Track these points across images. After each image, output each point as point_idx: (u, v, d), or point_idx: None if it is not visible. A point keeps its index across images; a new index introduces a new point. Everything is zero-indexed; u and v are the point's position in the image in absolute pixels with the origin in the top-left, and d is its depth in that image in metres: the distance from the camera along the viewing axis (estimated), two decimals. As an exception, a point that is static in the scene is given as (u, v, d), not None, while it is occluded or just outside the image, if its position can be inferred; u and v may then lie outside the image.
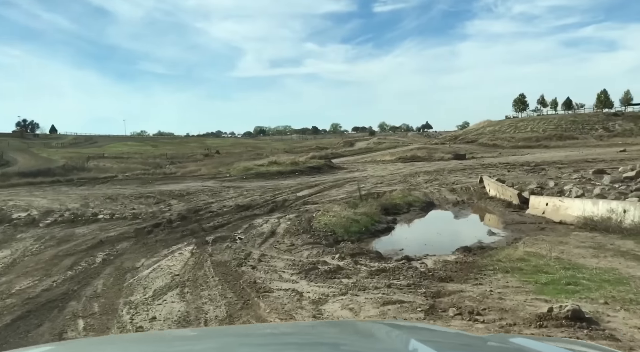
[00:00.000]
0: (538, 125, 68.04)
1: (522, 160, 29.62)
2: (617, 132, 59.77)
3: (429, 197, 16.59)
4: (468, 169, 24.97)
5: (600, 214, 9.87)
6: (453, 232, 11.42)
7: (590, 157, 27.72)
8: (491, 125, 76.08)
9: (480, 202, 15.51)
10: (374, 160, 42.62)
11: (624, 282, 4.99)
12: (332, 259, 6.95)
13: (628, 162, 20.80)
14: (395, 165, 33.40)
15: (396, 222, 12.53)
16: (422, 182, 20.57)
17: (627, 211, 9.42)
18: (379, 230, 11.18)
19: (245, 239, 9.83)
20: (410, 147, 56.55)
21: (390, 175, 24.40)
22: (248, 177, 25.50)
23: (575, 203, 11.07)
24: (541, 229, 10.55)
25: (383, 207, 13.60)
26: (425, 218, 13.52)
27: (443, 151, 46.32)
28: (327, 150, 65.70)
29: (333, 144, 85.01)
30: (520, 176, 19.85)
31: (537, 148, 50.58)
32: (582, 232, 9.32)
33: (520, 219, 12.04)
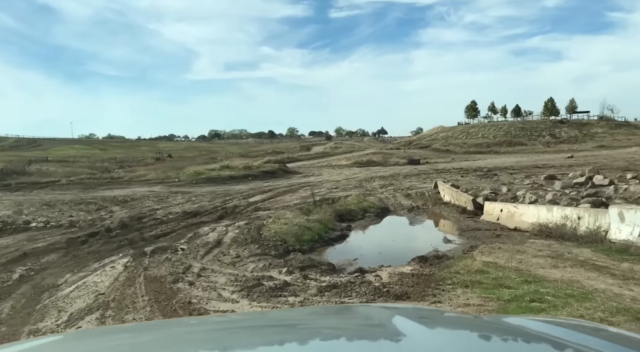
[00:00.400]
0: (489, 131, 69.88)
1: (474, 165, 30.02)
2: (563, 139, 62.22)
3: (384, 202, 16.26)
4: (423, 174, 24.96)
5: (555, 221, 9.75)
6: (409, 240, 11.06)
7: (540, 163, 28.41)
8: (444, 131, 77.60)
9: (435, 208, 15.31)
10: (330, 164, 42.32)
11: (589, 297, 4.66)
12: (279, 274, 6.34)
13: (576, 168, 21.33)
14: (351, 169, 33.15)
15: (351, 229, 12.06)
16: (377, 187, 20.29)
17: (581, 217, 9.32)
18: (332, 238, 10.66)
19: (187, 249, 9.06)
20: (366, 152, 56.73)
21: (345, 180, 24.04)
22: (198, 182, 24.47)
23: (530, 209, 10.95)
24: (497, 236, 10.33)
25: (337, 214, 13.13)
26: (381, 224, 13.13)
27: (398, 156, 46.65)
28: (283, 154, 65.12)
29: (290, 148, 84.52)
30: (473, 181, 19.92)
31: (488, 154, 51.81)
32: (538, 240, 9.13)
33: (476, 226, 11.84)
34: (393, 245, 10.26)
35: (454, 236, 11.01)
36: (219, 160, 41.75)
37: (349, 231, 11.79)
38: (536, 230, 9.94)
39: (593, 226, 8.86)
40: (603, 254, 7.19)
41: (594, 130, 65.92)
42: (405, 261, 8.06)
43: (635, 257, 6.67)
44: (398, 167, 34.87)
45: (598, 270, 6.03)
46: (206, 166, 28.47)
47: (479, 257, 7.60)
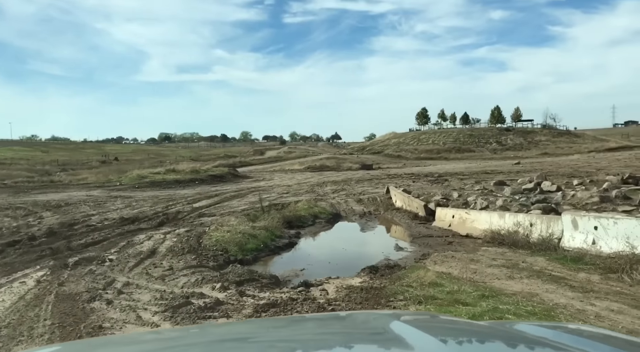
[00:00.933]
0: (439, 138, 71.27)
1: (426, 171, 30.16)
2: (509, 146, 64.23)
3: (335, 208, 15.76)
4: (375, 179, 24.71)
5: (508, 228, 9.51)
6: (360, 247, 10.55)
7: (489, 168, 28.86)
8: (396, 137, 78.61)
9: (387, 214, 14.94)
10: (283, 169, 41.63)
11: (552, 314, 4.25)
12: (212, 290, 5.61)
13: (524, 174, 21.65)
14: (304, 174, 32.60)
15: (300, 236, 11.44)
16: (329, 192, 19.79)
17: (533, 224, 9.11)
18: (279, 246, 9.99)
19: (116, 260, 8.14)
20: (319, 157, 56.47)
21: (297, 184, 23.42)
22: (141, 186, 23.18)
23: (482, 216, 10.71)
24: (449, 243, 10.00)
25: (286, 220, 12.48)
26: (331, 231, 12.58)
27: (351, 161, 46.58)
28: (235, 158, 64.02)
29: (243, 152, 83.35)
30: (425, 187, 19.79)
31: (438, 160, 52.68)
32: (491, 247, 8.84)
33: (427, 232, 11.51)
34: (343, 253, 9.71)
35: (405, 243, 10.60)
36: (168, 163, 40.20)
37: (298, 239, 11.16)
38: (488, 237, 9.67)
39: (546, 233, 8.65)
40: (558, 263, 6.91)
41: (538, 138, 68.50)
42: (355, 271, 7.53)
43: (591, 267, 6.40)
44: (351, 172, 34.63)
45: (556, 281, 5.69)
46: (151, 170, 27.09)
47: (432, 267, 7.17)
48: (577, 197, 13.80)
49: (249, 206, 15.95)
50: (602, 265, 6.28)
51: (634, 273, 5.66)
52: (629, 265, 5.86)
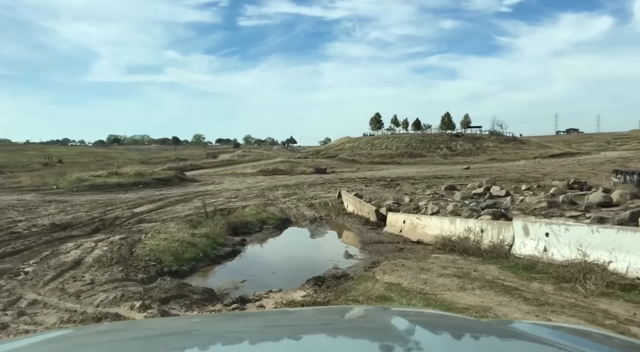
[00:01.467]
0: (392, 143, 72.08)
1: (378, 175, 30.09)
2: (458, 152, 65.72)
3: (285, 213, 15.18)
4: (327, 184, 24.32)
5: (458, 234, 9.24)
6: (307, 255, 10.03)
7: (440, 173, 29.11)
8: (350, 141, 78.92)
9: (338, 219, 14.52)
10: (235, 173, 40.62)
11: (508, 333, 3.86)
12: (131, 310, 4.91)
13: (473, 179, 21.85)
14: (256, 178, 31.82)
15: (245, 243, 10.79)
16: (280, 197, 19.19)
17: (484, 230, 8.89)
18: (221, 255, 9.31)
19: (32, 273, 7.24)
20: (273, 161, 55.65)
21: (247, 188, 22.67)
22: (80, 190, 21.73)
23: (433, 221, 10.43)
24: (400, 250, 9.65)
25: (231, 226, 11.78)
26: (279, 238, 11.99)
27: (305, 165, 46.09)
28: (186, 161, 62.19)
29: (195, 155, 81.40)
30: (377, 191, 19.55)
31: (391, 164, 53.09)
32: (442, 254, 8.53)
33: (378, 238, 11.14)
34: (290, 262, 9.15)
35: (356, 249, 10.17)
36: (116, 166, 38.26)
37: (242, 246, 10.51)
38: (439, 243, 9.37)
39: (497, 240, 8.43)
40: (510, 272, 6.63)
41: (486, 144, 70.53)
42: (300, 282, 6.99)
43: (544, 276, 6.15)
44: (304, 176, 34.15)
45: (509, 293, 5.37)
46: (92, 172, 25.54)
47: (381, 277, 6.73)
48: (525, 202, 13.86)
49: (194, 211, 15.12)
50: (554, 274, 6.04)
51: (587, 283, 5.42)
52: (582, 274, 5.62)
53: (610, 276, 5.48)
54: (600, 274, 5.48)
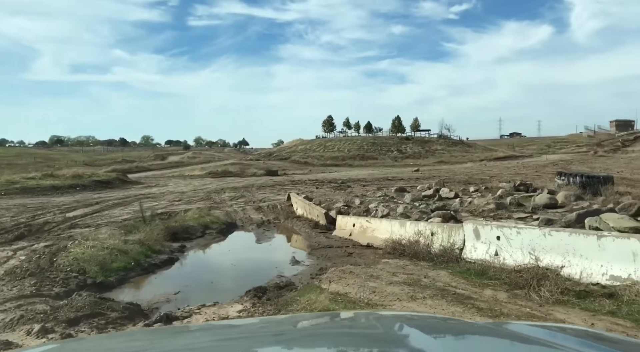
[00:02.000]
0: (344, 145, 72.26)
1: (330, 177, 29.76)
2: (408, 154, 66.66)
3: (231, 217, 14.48)
4: (278, 186, 23.70)
5: (409, 237, 8.92)
6: (251, 262, 9.41)
7: (390, 175, 29.11)
8: (303, 143, 78.54)
9: (287, 222, 13.97)
10: (183, 175, 39.24)
11: None
12: (27, 335, 4.14)
13: (423, 181, 21.89)
14: (203, 180, 30.73)
15: (184, 250, 10.04)
16: (227, 200, 18.42)
17: (434, 233, 8.60)
18: (156, 264, 8.55)
19: None
20: (223, 163, 54.43)
21: (193, 191, 21.69)
22: (9, 193, 20.08)
23: (383, 224, 10.08)
24: (349, 255, 9.23)
25: (171, 232, 10.99)
26: (223, 243, 11.29)
27: (257, 167, 45.22)
28: (133, 163, 59.83)
29: (143, 157, 78.64)
30: (328, 193, 19.14)
31: (343, 166, 53.04)
32: (392, 259, 8.16)
33: (327, 242, 10.69)
34: (231, 270, 8.52)
35: (303, 255, 9.66)
36: (57, 168, 35.96)
37: (181, 253, 9.76)
38: (389, 247, 9.01)
39: (447, 243, 8.16)
40: (462, 278, 6.31)
41: (435, 147, 71.94)
42: (239, 293, 6.39)
43: (496, 282, 5.86)
44: (254, 178, 33.35)
45: (462, 302, 5.01)
46: (24, 174, 23.74)
47: (327, 286, 6.25)
48: (474, 204, 13.82)
49: (133, 215, 14.14)
50: (507, 280, 5.76)
51: (541, 290, 5.15)
52: (536, 280, 5.36)
53: (564, 282, 5.23)
54: (554, 280, 5.22)
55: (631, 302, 4.61)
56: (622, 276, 5.11)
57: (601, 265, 5.35)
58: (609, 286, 5.10)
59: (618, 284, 5.06)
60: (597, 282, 5.28)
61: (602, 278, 5.27)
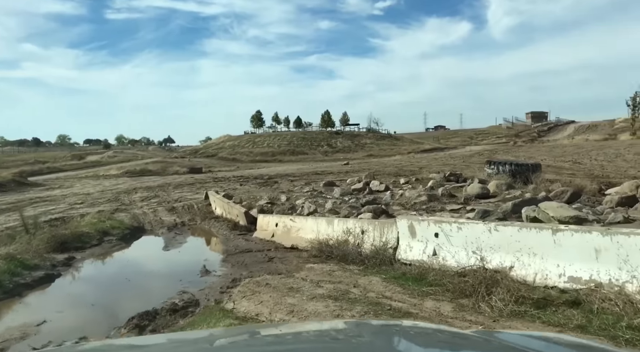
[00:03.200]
0: (274, 141, 70.89)
1: (256, 173, 28.31)
2: (339, 149, 66.48)
3: (139, 220, 12.75)
4: (198, 184, 21.95)
5: (337, 237, 7.84)
6: (152, 275, 7.91)
7: (320, 169, 28.16)
8: (231, 140, 76.13)
9: (204, 224, 12.49)
10: (97, 175, 36.12)
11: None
12: None
13: (353, 174, 21.10)
14: (117, 180, 28.17)
15: (71, 263, 8.33)
16: (137, 200, 16.53)
17: (365, 231, 7.58)
18: (26, 283, 6.85)
19: None
20: (144, 161, 51.11)
21: (100, 192, 19.45)
22: None
23: (308, 223, 8.94)
24: (269, 260, 8.01)
25: (59, 241, 9.23)
26: (122, 253, 9.65)
27: (180, 165, 42.73)
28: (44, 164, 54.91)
29: (58, 157, 72.68)
30: (252, 190, 17.78)
31: (273, 162, 51.62)
32: (318, 264, 7.04)
33: (246, 245, 9.40)
34: (123, 287, 7.00)
35: (216, 262, 8.31)
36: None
37: (66, 267, 8.06)
38: (315, 249, 7.89)
39: (379, 242, 7.16)
40: (397, 285, 5.30)
41: (364, 141, 72.38)
42: (122, 321, 4.97)
43: (438, 289, 4.88)
44: (176, 176, 31.18)
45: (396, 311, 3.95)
46: None
47: (236, 305, 5.01)
48: (405, 197, 13.09)
49: (18, 222, 12.02)
50: (450, 286, 4.80)
51: (492, 298, 4.22)
52: (484, 286, 4.43)
53: (518, 287, 4.33)
54: (506, 286, 4.31)
55: (601, 311, 3.77)
56: (583, 277, 4.29)
57: (557, 264, 4.51)
58: (570, 290, 4.27)
59: (580, 287, 4.24)
60: (555, 285, 4.44)
61: (560, 280, 4.43)
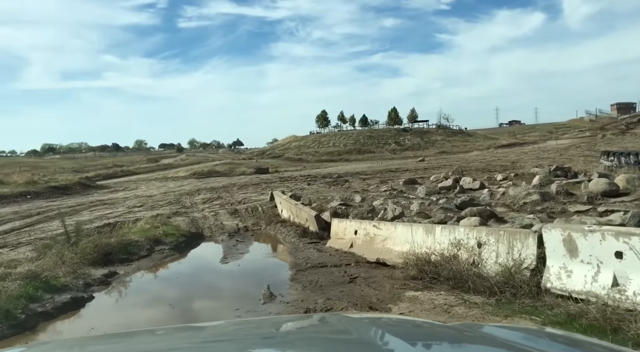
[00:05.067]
0: (339, 140, 69.29)
1: (324, 172, 26.56)
2: (407, 146, 63.59)
3: (197, 224, 11.33)
4: (263, 184, 20.51)
5: (442, 250, 5.79)
6: (201, 300, 6.19)
7: (393, 167, 25.89)
8: (297, 140, 75.43)
9: (269, 229, 10.84)
10: (166, 177, 36.00)
11: None
12: None
13: (433, 171, 18.75)
14: (182, 182, 27.51)
15: (110, 281, 6.87)
16: (198, 203, 15.24)
17: (483, 244, 5.45)
18: (43, 312, 5.37)
19: None
20: (212, 163, 51.33)
21: (163, 194, 18.47)
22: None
23: (399, 231, 6.91)
24: (350, 280, 6.11)
25: (102, 251, 7.85)
26: (173, 266, 8.12)
27: (247, 166, 42.12)
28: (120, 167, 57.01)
29: (135, 161, 75.86)
30: (321, 190, 15.99)
31: (339, 161, 49.87)
32: (422, 292, 5.05)
33: (319, 258, 7.56)
34: (163, 317, 5.33)
35: (283, 282, 6.53)
36: (42, 176, 32.80)
37: (103, 286, 6.59)
38: (413, 266, 5.87)
39: (508, 261, 5.02)
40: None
41: (434, 138, 68.99)
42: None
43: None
44: (242, 176, 30.19)
45: None
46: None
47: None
48: (510, 196, 10.71)
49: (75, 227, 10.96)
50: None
51: None
52: None
53: None
54: None
55: None
56: None
57: None
58: None
59: None
60: None
61: None
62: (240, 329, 1.58)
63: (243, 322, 2.15)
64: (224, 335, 1.45)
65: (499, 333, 1.39)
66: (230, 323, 2.02)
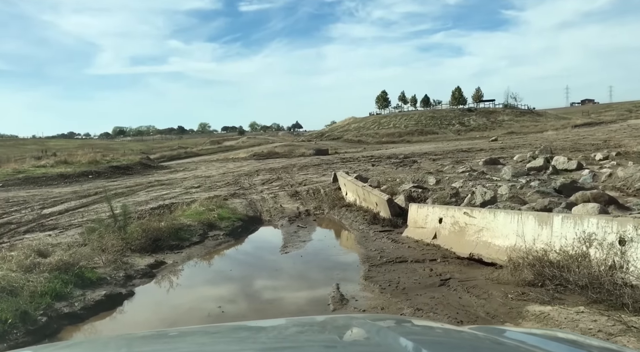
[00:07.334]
0: (400, 121, 67.01)
1: (388, 153, 25.06)
2: (472, 127, 60.27)
3: (255, 207, 10.42)
4: (324, 165, 19.40)
5: (564, 248, 4.39)
6: (256, 301, 5.13)
7: (465, 147, 23.97)
8: (356, 122, 73.78)
9: (332, 213, 9.72)
10: (227, 158, 35.91)
11: None
12: None
13: (511, 151, 16.85)
14: (242, 163, 26.98)
15: (155, 272, 5.99)
16: (257, 184, 14.36)
17: (627, 241, 4.00)
18: (70, 313, 4.51)
19: None
20: (273, 144, 50.96)
21: (221, 175, 17.82)
22: (9, 184, 17.04)
23: (499, 220, 5.50)
24: (442, 283, 4.86)
25: (152, 237, 7.05)
26: (227, 255, 7.17)
27: (307, 148, 41.23)
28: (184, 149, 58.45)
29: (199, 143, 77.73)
30: (388, 171, 14.64)
31: (400, 143, 47.94)
32: (549, 307, 3.71)
33: (396, 251, 6.34)
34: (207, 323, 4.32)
35: (355, 280, 5.37)
36: (112, 158, 34.01)
37: (147, 279, 5.71)
38: (528, 269, 4.51)
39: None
40: None
41: (501, 118, 65.13)
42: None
43: None
44: (302, 158, 29.33)
45: None
46: (35, 162, 20.90)
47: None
48: (619, 177, 8.92)
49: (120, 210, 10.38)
50: None
51: None
52: None
53: None
54: None
55: None
56: None
57: None
58: None
59: None
60: None
61: None
62: (302, 333, 1.43)
63: (305, 322, 1.82)
64: (284, 340, 1.29)
65: (510, 336, 1.32)
66: (291, 323, 1.75)
